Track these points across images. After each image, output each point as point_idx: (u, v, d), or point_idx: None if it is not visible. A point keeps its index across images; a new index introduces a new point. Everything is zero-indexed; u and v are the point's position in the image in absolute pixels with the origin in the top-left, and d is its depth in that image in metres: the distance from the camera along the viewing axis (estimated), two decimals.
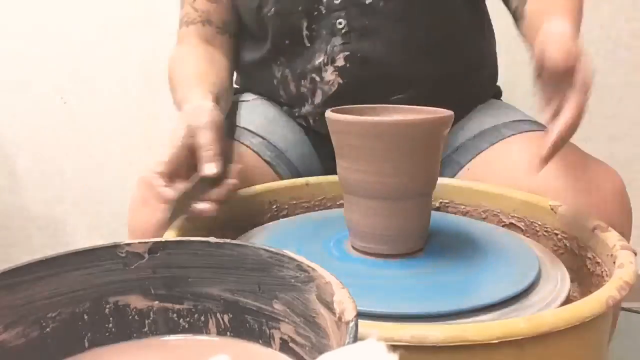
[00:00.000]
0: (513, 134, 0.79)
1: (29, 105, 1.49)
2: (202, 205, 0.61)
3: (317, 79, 0.82)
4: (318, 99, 0.83)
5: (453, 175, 0.81)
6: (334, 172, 0.70)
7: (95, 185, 1.55)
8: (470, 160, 0.80)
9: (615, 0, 1.36)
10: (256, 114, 0.88)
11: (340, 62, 0.80)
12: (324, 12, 0.80)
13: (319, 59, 0.81)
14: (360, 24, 0.79)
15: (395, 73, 0.80)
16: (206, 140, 0.62)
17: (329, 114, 0.59)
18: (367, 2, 0.78)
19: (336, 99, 0.79)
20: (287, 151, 0.85)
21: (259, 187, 0.76)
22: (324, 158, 0.88)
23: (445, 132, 0.58)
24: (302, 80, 0.84)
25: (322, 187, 0.79)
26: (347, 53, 0.79)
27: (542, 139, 0.77)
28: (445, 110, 0.60)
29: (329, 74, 0.81)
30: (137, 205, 0.71)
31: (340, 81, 0.80)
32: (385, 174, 0.56)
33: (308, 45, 0.82)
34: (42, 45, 1.45)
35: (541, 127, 0.82)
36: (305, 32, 0.81)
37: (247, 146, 0.82)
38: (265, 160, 0.82)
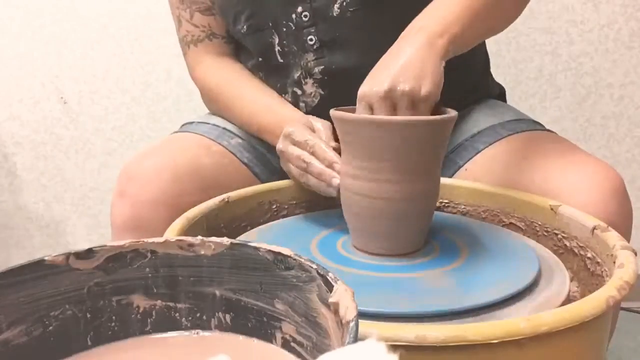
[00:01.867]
0: (511, 134, 0.79)
1: (29, 105, 1.49)
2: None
3: (299, 92, 0.82)
4: (302, 111, 0.83)
5: (451, 176, 0.81)
6: None
7: (95, 185, 1.55)
8: (469, 160, 0.80)
9: (615, 0, 1.36)
10: None
11: (317, 75, 0.80)
12: (293, 28, 0.79)
13: (297, 74, 0.81)
14: (330, 37, 0.78)
15: None
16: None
17: (334, 112, 0.59)
18: (334, 14, 0.77)
19: (320, 111, 0.79)
20: (269, 153, 0.85)
21: (259, 187, 0.76)
22: None
23: (449, 131, 0.58)
24: (284, 95, 0.84)
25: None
26: (322, 67, 0.79)
27: (540, 138, 0.77)
28: (449, 109, 0.60)
29: (309, 86, 0.81)
30: (115, 199, 0.74)
31: (322, 92, 0.81)
32: (387, 172, 0.56)
33: (281, 61, 0.82)
34: (42, 45, 1.45)
35: (538, 127, 0.82)
36: (277, 49, 0.81)
37: (224, 147, 0.83)
38: (242, 162, 0.83)
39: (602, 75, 1.41)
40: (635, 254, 0.53)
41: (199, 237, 0.41)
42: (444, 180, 0.77)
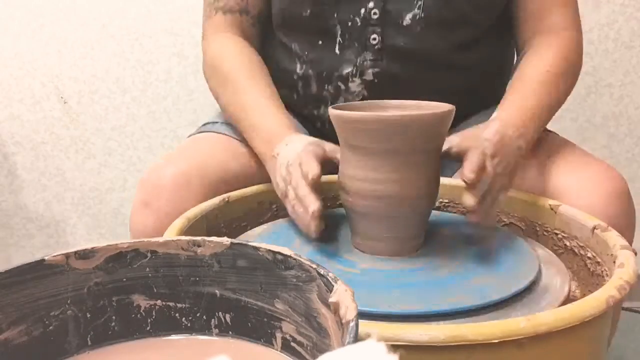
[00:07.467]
0: None
1: (29, 105, 1.49)
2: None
3: (342, 87, 0.81)
4: None
5: (452, 175, 0.81)
6: (332, 173, 0.70)
7: (95, 185, 1.55)
8: None
9: (615, 0, 1.36)
10: None
11: (368, 76, 0.79)
12: (359, 24, 0.78)
13: (347, 69, 0.80)
14: (393, 44, 0.78)
15: (421, 89, 0.78)
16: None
17: (334, 111, 0.58)
18: (404, 24, 0.76)
19: None
20: None
21: (258, 187, 0.76)
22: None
23: (448, 126, 0.58)
24: (326, 85, 0.83)
25: (322, 187, 0.79)
26: (377, 69, 0.78)
27: (542, 139, 0.77)
28: (445, 104, 0.60)
29: (356, 86, 0.80)
30: (138, 208, 0.72)
31: (366, 94, 0.80)
32: (388, 171, 0.56)
33: (337, 53, 0.81)
34: (42, 45, 1.45)
35: None
36: (338, 39, 0.80)
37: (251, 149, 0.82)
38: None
39: (602, 75, 1.41)
40: (636, 253, 0.53)
41: (199, 237, 0.41)
42: (444, 180, 0.77)
